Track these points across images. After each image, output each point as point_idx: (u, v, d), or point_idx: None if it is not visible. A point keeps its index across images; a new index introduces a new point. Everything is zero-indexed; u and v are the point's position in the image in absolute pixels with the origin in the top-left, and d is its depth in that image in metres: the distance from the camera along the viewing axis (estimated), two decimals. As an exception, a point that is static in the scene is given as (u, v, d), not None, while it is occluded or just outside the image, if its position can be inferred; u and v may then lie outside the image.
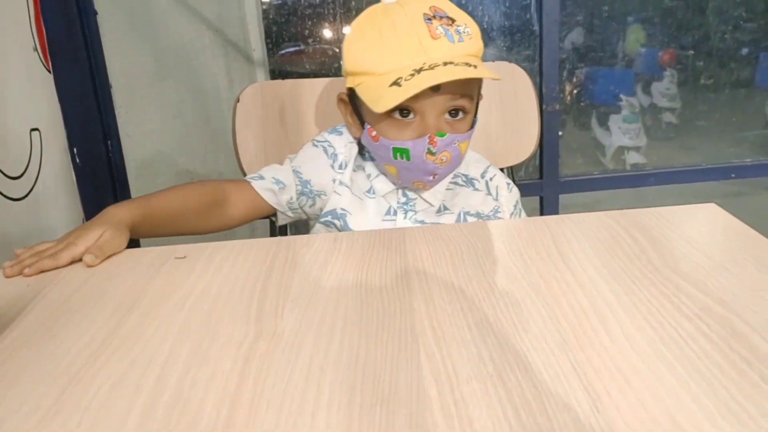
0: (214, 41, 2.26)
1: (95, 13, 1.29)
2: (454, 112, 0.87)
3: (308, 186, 0.96)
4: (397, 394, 0.45)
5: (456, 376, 0.47)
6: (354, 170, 0.97)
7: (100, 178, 1.32)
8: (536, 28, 1.35)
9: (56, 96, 1.20)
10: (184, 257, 0.74)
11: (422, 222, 0.96)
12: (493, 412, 0.43)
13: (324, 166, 0.96)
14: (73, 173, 1.25)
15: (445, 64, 0.82)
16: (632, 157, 3.31)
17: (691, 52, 1.70)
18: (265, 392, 0.47)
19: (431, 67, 0.81)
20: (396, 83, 0.82)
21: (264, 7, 2.51)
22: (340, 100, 0.96)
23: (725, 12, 1.53)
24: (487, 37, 1.48)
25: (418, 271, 0.65)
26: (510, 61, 1.17)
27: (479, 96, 0.93)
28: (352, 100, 0.94)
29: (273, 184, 0.95)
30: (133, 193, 1.44)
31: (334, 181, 0.96)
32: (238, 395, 0.47)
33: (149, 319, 0.59)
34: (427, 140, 0.85)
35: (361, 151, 0.98)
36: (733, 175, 1.38)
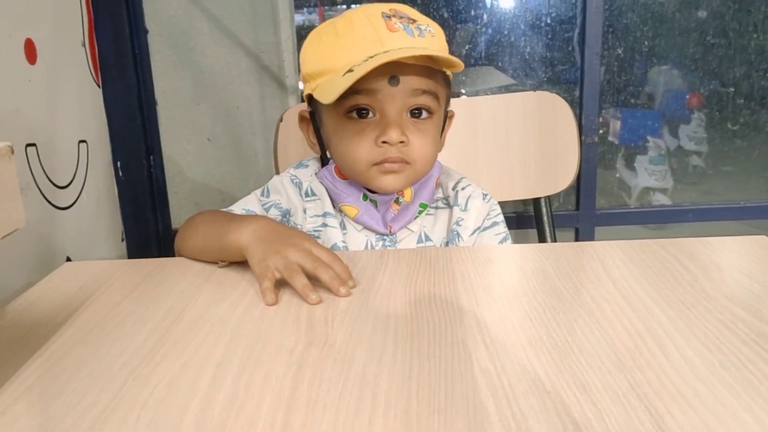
0: (250, 67, 2.30)
1: (146, 31, 1.32)
2: (417, 112, 0.82)
3: (288, 216, 0.90)
4: (453, 405, 0.45)
5: (512, 390, 0.47)
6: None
7: (141, 192, 1.34)
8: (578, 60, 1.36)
9: (104, 110, 1.23)
10: (227, 264, 0.74)
11: None
12: (553, 428, 0.42)
13: (294, 195, 0.90)
14: (115, 186, 1.27)
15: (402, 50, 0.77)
16: (658, 199, 3.29)
17: (731, 89, 1.70)
18: (321, 397, 0.47)
19: (386, 53, 0.76)
20: (350, 71, 0.76)
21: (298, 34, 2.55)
22: (302, 118, 0.90)
23: (762, 53, 1.54)
24: (528, 67, 1.49)
25: (466, 288, 0.65)
26: (551, 92, 1.18)
27: (447, 104, 0.89)
28: (313, 117, 0.89)
29: (244, 214, 0.86)
30: (173, 210, 1.46)
31: (305, 211, 0.89)
32: (294, 399, 0.47)
33: (201, 323, 0.60)
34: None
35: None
36: (772, 215, 1.37)
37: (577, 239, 1.51)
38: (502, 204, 0.96)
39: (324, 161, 0.91)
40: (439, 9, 1.45)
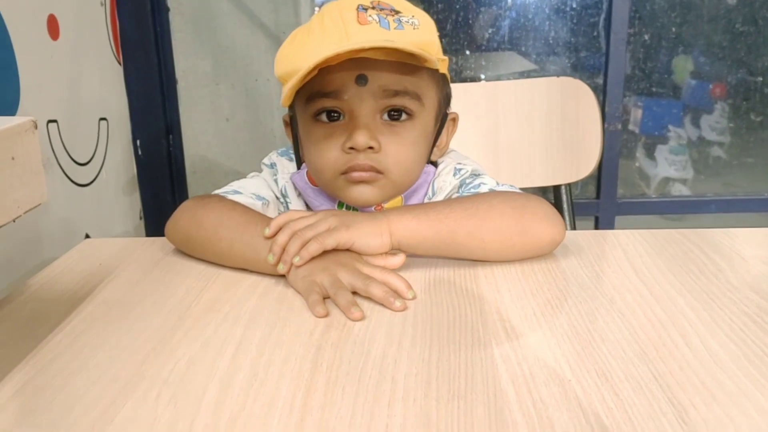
0: (270, 47, 2.29)
1: (167, 9, 1.32)
2: (395, 114, 0.73)
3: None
4: (473, 391, 0.45)
5: (533, 378, 0.46)
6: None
7: (160, 171, 1.35)
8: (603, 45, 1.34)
9: (125, 88, 1.23)
10: None
11: None
12: (574, 416, 0.42)
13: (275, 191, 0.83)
14: (134, 164, 1.28)
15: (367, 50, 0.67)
16: (678, 189, 3.26)
17: (759, 78, 1.67)
18: (340, 379, 0.47)
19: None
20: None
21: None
22: (285, 122, 0.83)
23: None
24: (551, 53, 1.47)
25: (486, 275, 0.65)
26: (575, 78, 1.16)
27: (444, 106, 0.79)
28: (294, 121, 0.79)
29: (255, 200, 0.78)
30: (190, 189, 1.46)
31: (279, 213, 0.78)
32: (313, 381, 0.47)
33: (220, 304, 0.60)
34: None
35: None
36: (797, 207, 1.35)
37: (596, 228, 1.50)
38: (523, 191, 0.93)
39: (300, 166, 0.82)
40: (463, -8, 1.44)
